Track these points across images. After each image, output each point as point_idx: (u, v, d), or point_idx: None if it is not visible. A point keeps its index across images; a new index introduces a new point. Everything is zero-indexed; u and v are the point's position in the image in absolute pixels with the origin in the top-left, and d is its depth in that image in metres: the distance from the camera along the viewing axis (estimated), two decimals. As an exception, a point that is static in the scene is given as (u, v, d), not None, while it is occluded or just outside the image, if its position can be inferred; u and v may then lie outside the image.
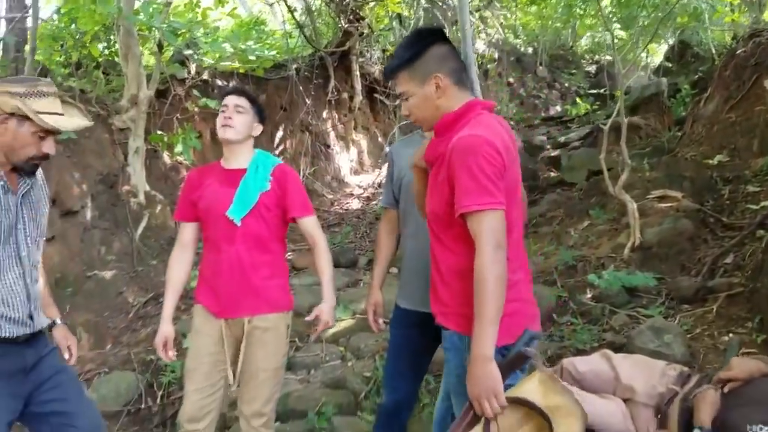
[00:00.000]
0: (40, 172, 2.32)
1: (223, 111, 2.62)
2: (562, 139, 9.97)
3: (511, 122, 13.54)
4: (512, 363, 1.80)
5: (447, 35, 2.00)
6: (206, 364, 2.57)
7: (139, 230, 5.23)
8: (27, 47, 5.63)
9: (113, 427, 3.70)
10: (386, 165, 2.92)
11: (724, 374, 2.54)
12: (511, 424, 1.75)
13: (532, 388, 1.78)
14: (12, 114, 2.04)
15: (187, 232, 2.70)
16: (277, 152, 8.07)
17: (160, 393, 3.92)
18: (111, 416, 3.76)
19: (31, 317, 2.13)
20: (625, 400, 2.73)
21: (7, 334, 2.06)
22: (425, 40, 1.95)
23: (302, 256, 5.87)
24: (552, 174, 8.46)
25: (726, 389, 2.45)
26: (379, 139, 10.59)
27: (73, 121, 2.20)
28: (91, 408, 2.34)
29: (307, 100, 8.64)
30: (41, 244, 2.28)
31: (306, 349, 4.43)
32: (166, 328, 2.60)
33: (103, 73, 6.17)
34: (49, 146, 2.12)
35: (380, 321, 2.67)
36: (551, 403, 1.76)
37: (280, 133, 8.25)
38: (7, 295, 2.08)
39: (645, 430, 2.63)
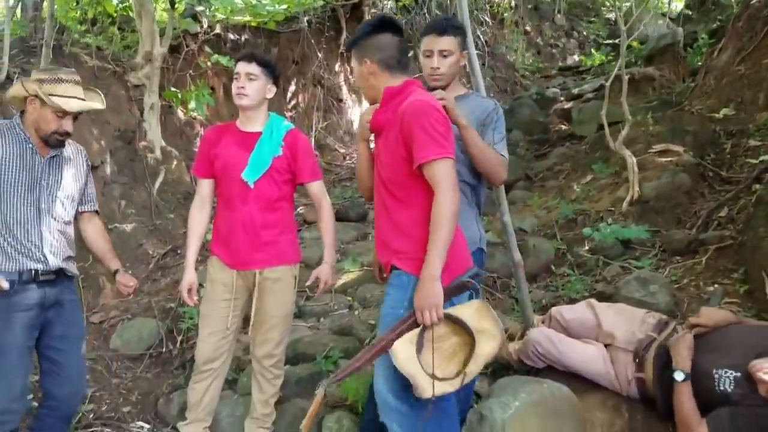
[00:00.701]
0: (81, 151, 2.78)
1: (236, 79, 2.79)
2: (575, 90, 9.92)
3: (527, 72, 13.44)
4: (455, 289, 2.17)
5: (400, 28, 2.35)
6: (220, 310, 2.82)
7: (157, 185, 5.45)
8: (45, 5, 5.75)
9: (137, 368, 3.99)
10: None
11: (694, 320, 2.73)
12: (442, 334, 2.14)
13: (468, 312, 2.13)
14: (36, 96, 2.49)
15: (206, 186, 2.92)
16: (289, 107, 8.18)
17: (179, 338, 4.19)
18: (134, 359, 4.05)
19: (44, 257, 2.56)
20: (606, 346, 2.94)
21: (22, 267, 2.53)
22: (373, 29, 2.33)
23: (312, 211, 6.06)
24: (563, 127, 8.48)
25: (694, 333, 2.65)
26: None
27: (83, 103, 2.59)
28: (80, 365, 2.77)
29: (319, 53, 8.68)
30: (69, 204, 2.68)
31: (316, 298, 4.66)
32: (191, 276, 2.86)
33: (119, 28, 6.29)
34: (67, 124, 2.55)
35: (384, 275, 2.89)
36: (480, 327, 2.10)
37: (292, 88, 8.33)
38: (24, 236, 2.54)
39: (623, 372, 2.85)
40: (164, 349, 4.15)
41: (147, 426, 3.38)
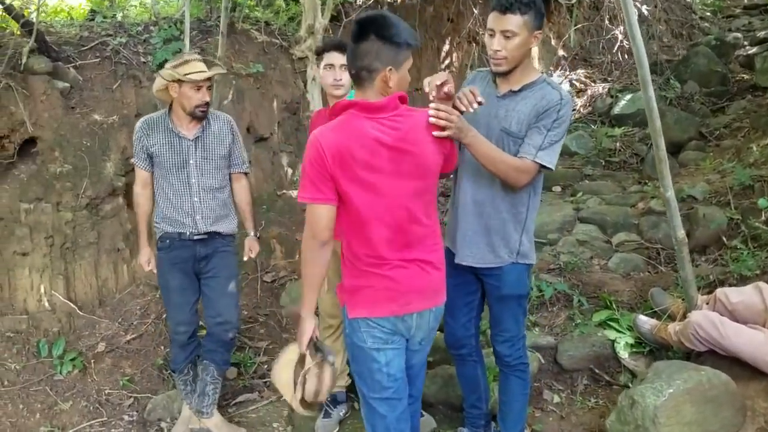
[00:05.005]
0: (227, 121, 3.21)
1: (330, 68, 2.95)
2: (761, 33, 8.85)
3: (707, 13, 12.17)
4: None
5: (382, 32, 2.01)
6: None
7: (319, 152, 5.78)
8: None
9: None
10: None
11: None
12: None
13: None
14: (173, 81, 2.98)
15: None
16: (443, 66, 8.18)
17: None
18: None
19: (195, 222, 3.12)
20: (775, 332, 2.75)
21: (181, 230, 3.13)
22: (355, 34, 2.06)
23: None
24: (745, 77, 7.66)
25: None
26: (552, 43, 10.17)
27: (199, 73, 2.99)
28: (227, 300, 3.21)
29: (474, 9, 8.53)
30: (216, 173, 3.19)
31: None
32: None
33: (284, 1, 6.63)
34: (203, 95, 3.02)
35: None
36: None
37: (446, 47, 8.30)
38: (179, 206, 3.12)
39: (794, 361, 2.65)
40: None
41: (313, 379, 3.71)
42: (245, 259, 3.45)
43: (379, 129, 2.03)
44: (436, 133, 2.09)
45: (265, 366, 3.94)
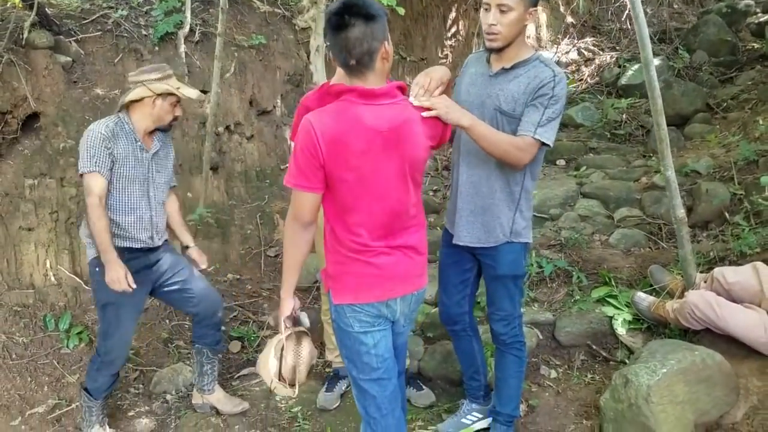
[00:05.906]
0: (170, 137, 3.16)
1: None
2: (774, 0, 8.65)
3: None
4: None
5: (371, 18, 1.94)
6: None
7: (323, 125, 5.76)
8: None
9: (306, 299, 4.41)
10: None
11: None
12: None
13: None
14: (159, 94, 2.86)
15: None
16: (448, 35, 8.08)
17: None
18: (303, 290, 4.47)
19: (151, 238, 3.02)
20: (769, 312, 2.77)
21: (132, 245, 2.96)
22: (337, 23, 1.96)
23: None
24: (756, 45, 7.53)
25: None
26: (561, 9, 10.01)
27: (190, 90, 3.00)
28: (202, 282, 3.18)
29: (481, -23, 8.38)
30: (166, 189, 3.12)
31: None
32: None
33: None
34: (178, 110, 2.99)
35: None
36: None
37: (452, 15, 8.20)
38: (137, 221, 2.96)
39: (787, 341, 2.68)
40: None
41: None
42: (203, 267, 3.26)
43: (377, 115, 1.99)
44: (425, 113, 2.07)
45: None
